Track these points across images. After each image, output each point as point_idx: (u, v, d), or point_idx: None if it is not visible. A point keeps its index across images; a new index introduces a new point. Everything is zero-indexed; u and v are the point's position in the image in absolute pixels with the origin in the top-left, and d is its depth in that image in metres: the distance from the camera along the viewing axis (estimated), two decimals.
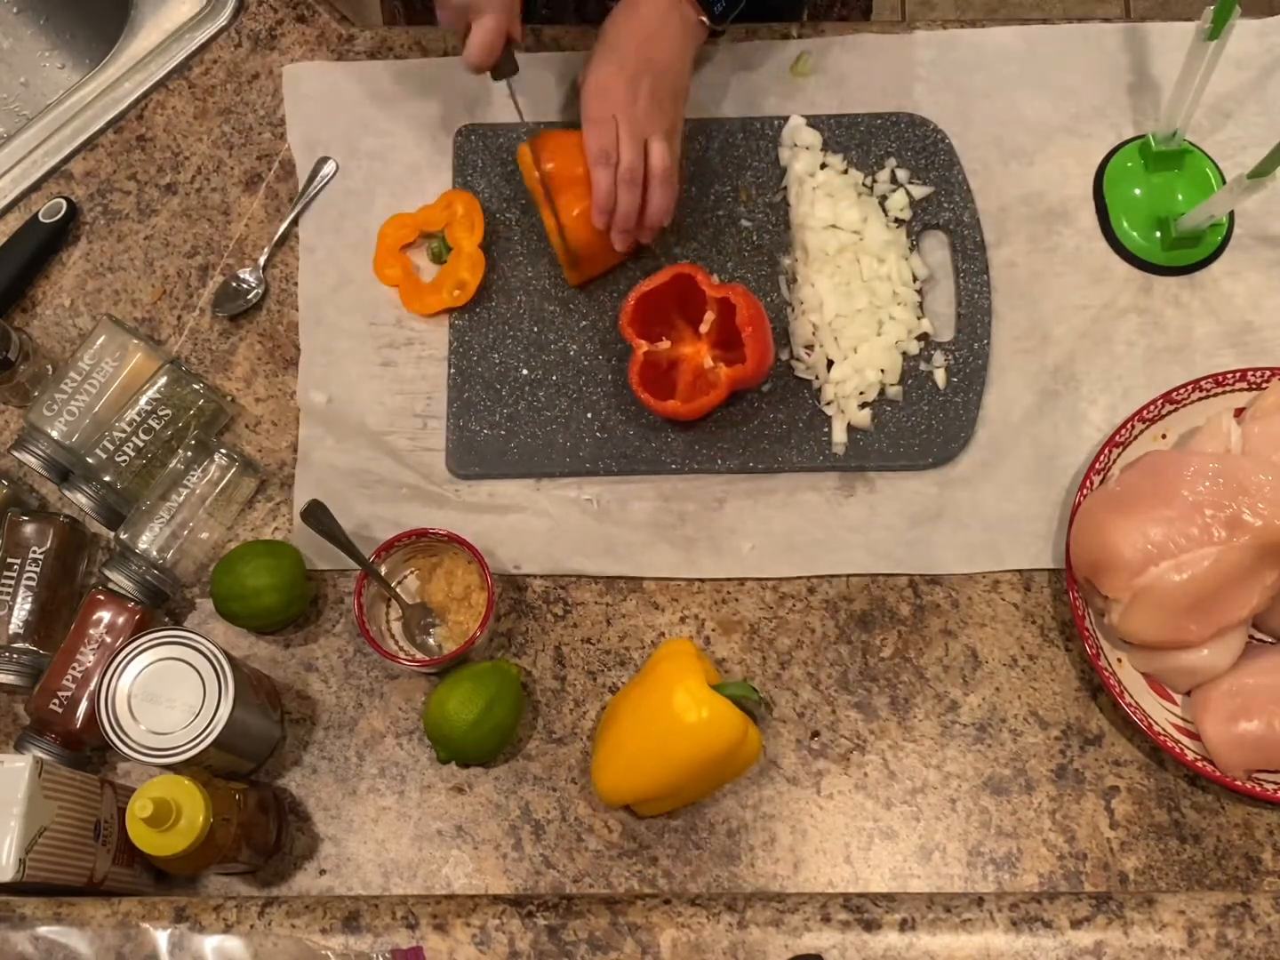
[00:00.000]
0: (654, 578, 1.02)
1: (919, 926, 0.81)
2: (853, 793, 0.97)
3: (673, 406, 1.00)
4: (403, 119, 1.14)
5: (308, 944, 0.81)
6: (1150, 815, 0.96)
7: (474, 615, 0.99)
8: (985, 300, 1.07)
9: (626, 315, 1.01)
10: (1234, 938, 0.80)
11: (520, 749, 0.99)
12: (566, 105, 1.13)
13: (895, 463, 1.04)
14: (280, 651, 1.02)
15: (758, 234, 1.10)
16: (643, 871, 0.95)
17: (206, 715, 0.88)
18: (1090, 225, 1.10)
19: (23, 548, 0.99)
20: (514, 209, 1.11)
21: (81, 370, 1.03)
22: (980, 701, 0.99)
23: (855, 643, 1.00)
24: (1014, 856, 0.95)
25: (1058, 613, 1.01)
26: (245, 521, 1.05)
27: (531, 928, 0.82)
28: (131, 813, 0.82)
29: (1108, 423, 1.05)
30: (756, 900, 0.82)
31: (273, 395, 1.08)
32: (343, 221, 1.12)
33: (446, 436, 1.06)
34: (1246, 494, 0.92)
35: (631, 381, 1.01)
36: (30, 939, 0.81)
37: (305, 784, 0.98)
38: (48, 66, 1.35)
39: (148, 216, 1.13)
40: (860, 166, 1.11)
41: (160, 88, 1.16)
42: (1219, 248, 1.09)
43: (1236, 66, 1.12)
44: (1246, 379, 1.02)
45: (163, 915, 0.82)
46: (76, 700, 0.95)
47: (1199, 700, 0.96)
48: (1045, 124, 1.13)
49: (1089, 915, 0.81)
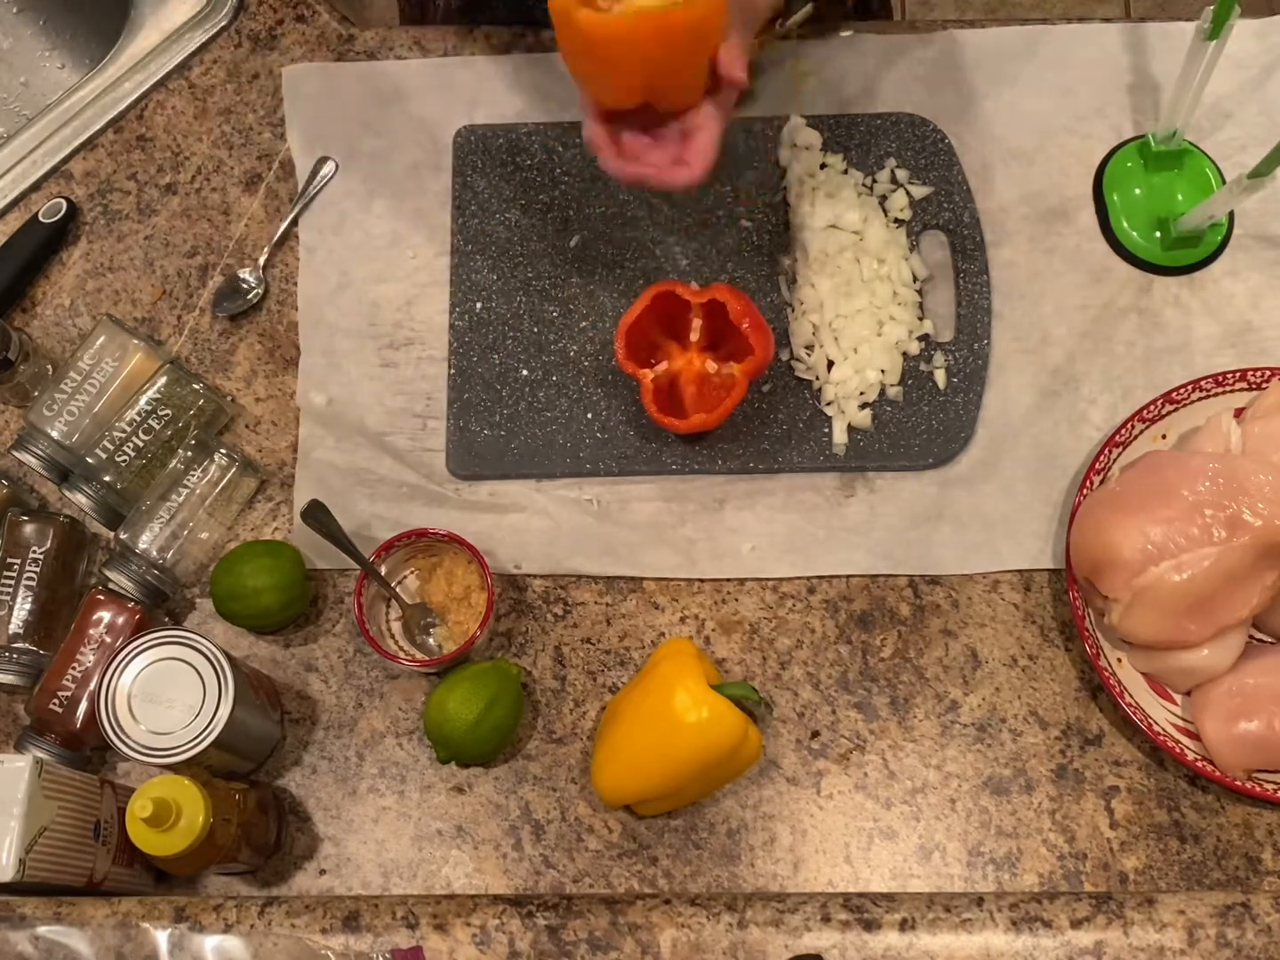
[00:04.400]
0: (654, 578, 1.02)
1: (919, 926, 0.81)
2: (853, 793, 0.97)
3: (699, 420, 1.00)
4: (403, 119, 1.14)
5: (308, 944, 0.81)
6: (1150, 815, 0.96)
7: (474, 615, 0.99)
8: (985, 300, 1.07)
9: (621, 351, 1.01)
10: (1234, 938, 0.80)
11: (520, 749, 0.99)
12: (568, 105, 1.13)
13: (895, 463, 1.04)
14: (280, 651, 1.02)
15: (758, 234, 1.10)
16: (643, 871, 0.95)
17: (206, 715, 0.88)
18: (1090, 225, 1.10)
19: (23, 548, 0.99)
20: (514, 209, 1.11)
21: (81, 370, 1.03)
22: (980, 701, 0.99)
23: (855, 643, 1.00)
24: (1014, 856, 0.95)
25: (1058, 613, 1.01)
26: (245, 521, 1.05)
27: (531, 928, 0.82)
28: (131, 813, 0.82)
29: (1108, 423, 1.05)
30: (756, 900, 0.82)
31: (273, 395, 1.08)
32: (343, 221, 1.12)
33: (447, 437, 1.06)
34: (1246, 494, 0.92)
35: (651, 413, 1.00)
36: (30, 939, 0.81)
37: (305, 784, 0.98)
38: (48, 66, 1.35)
39: (148, 216, 1.13)
40: (860, 167, 1.11)
41: (160, 88, 1.16)
42: (1219, 248, 1.09)
43: (1236, 66, 1.12)
44: (1246, 379, 1.02)
45: (163, 915, 0.82)
46: (76, 700, 0.95)
47: (1199, 700, 0.96)
48: (1045, 124, 1.13)
49: (1089, 915, 0.81)
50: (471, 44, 1.16)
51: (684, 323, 1.03)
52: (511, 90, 1.14)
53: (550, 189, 1.11)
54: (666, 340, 1.04)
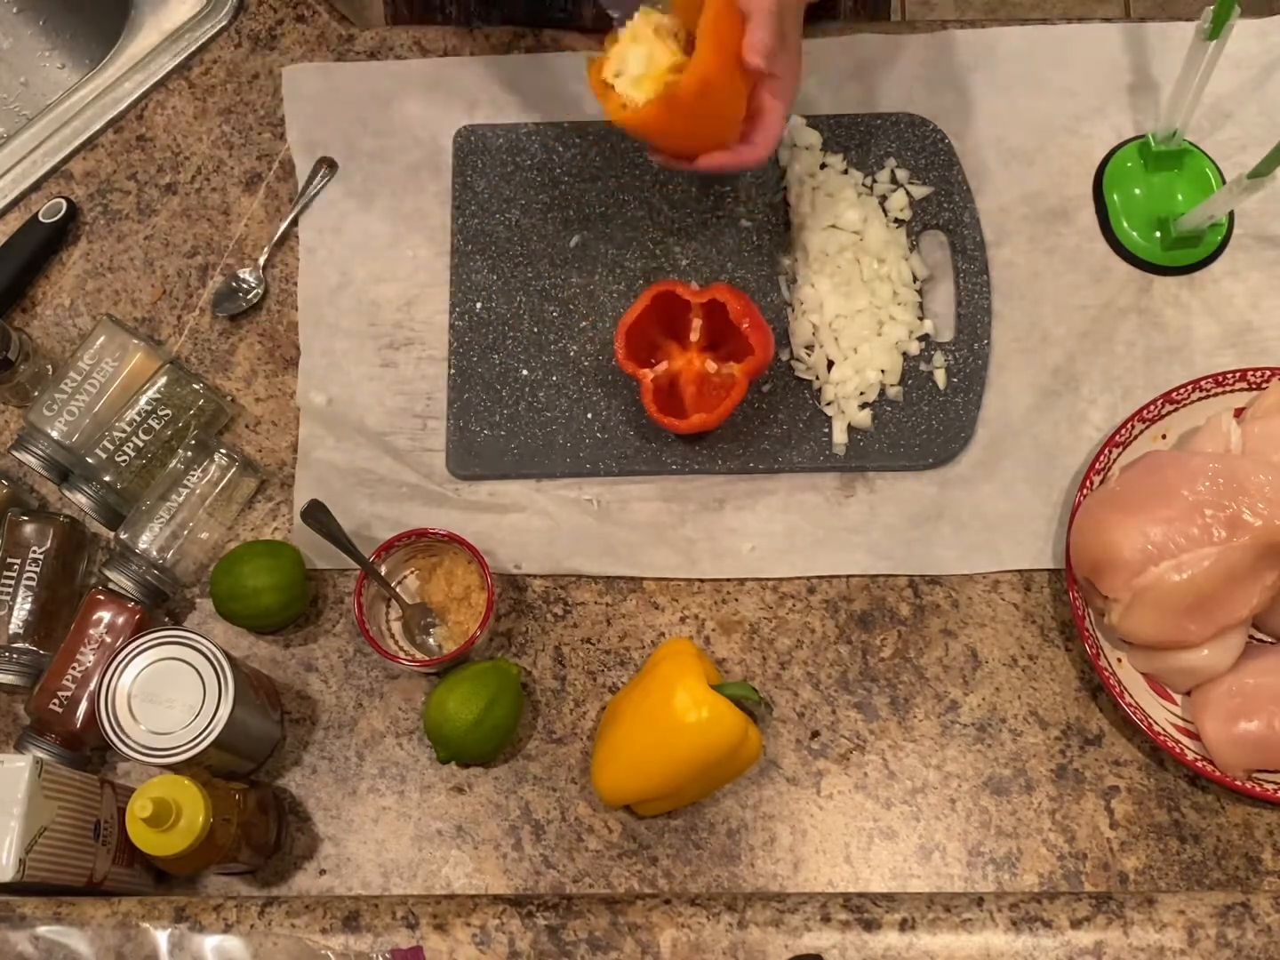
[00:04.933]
0: (654, 578, 1.02)
1: (919, 926, 0.81)
2: (853, 793, 0.97)
3: (699, 420, 1.00)
4: (403, 119, 1.14)
5: (308, 944, 0.81)
6: (1150, 815, 0.96)
7: (474, 615, 0.99)
8: (985, 300, 1.07)
9: (621, 351, 1.01)
10: (1234, 938, 0.80)
11: (520, 749, 0.99)
12: (568, 105, 1.13)
13: (895, 463, 1.04)
14: (280, 651, 1.02)
15: (758, 234, 1.10)
16: (643, 871, 0.95)
17: (206, 715, 0.88)
18: (1090, 225, 1.10)
19: (23, 548, 0.99)
20: (514, 209, 1.11)
21: (81, 370, 1.03)
22: (980, 701, 0.99)
23: (855, 643, 1.00)
24: (1014, 856, 0.95)
25: (1058, 613, 1.01)
26: (245, 521, 1.05)
27: (531, 928, 0.82)
28: (131, 813, 0.82)
29: (1108, 423, 1.05)
30: (756, 900, 0.82)
31: (273, 395, 1.08)
32: (343, 221, 1.12)
33: (447, 437, 1.06)
34: (1246, 494, 0.92)
35: (651, 413, 1.00)
36: (30, 939, 0.81)
37: (305, 784, 0.98)
38: (48, 66, 1.35)
39: (148, 216, 1.13)
40: (860, 166, 1.11)
41: (160, 88, 1.16)
42: (1219, 248, 1.09)
43: (1236, 66, 1.12)
44: (1246, 379, 1.02)
45: (163, 915, 0.82)
46: (76, 700, 0.95)
47: (1199, 700, 0.96)
48: (1045, 124, 1.13)
49: (1089, 915, 0.81)
50: (471, 44, 1.16)
51: (684, 323, 1.03)
52: (511, 90, 1.14)
53: (550, 189, 1.11)
54: (666, 340, 1.04)
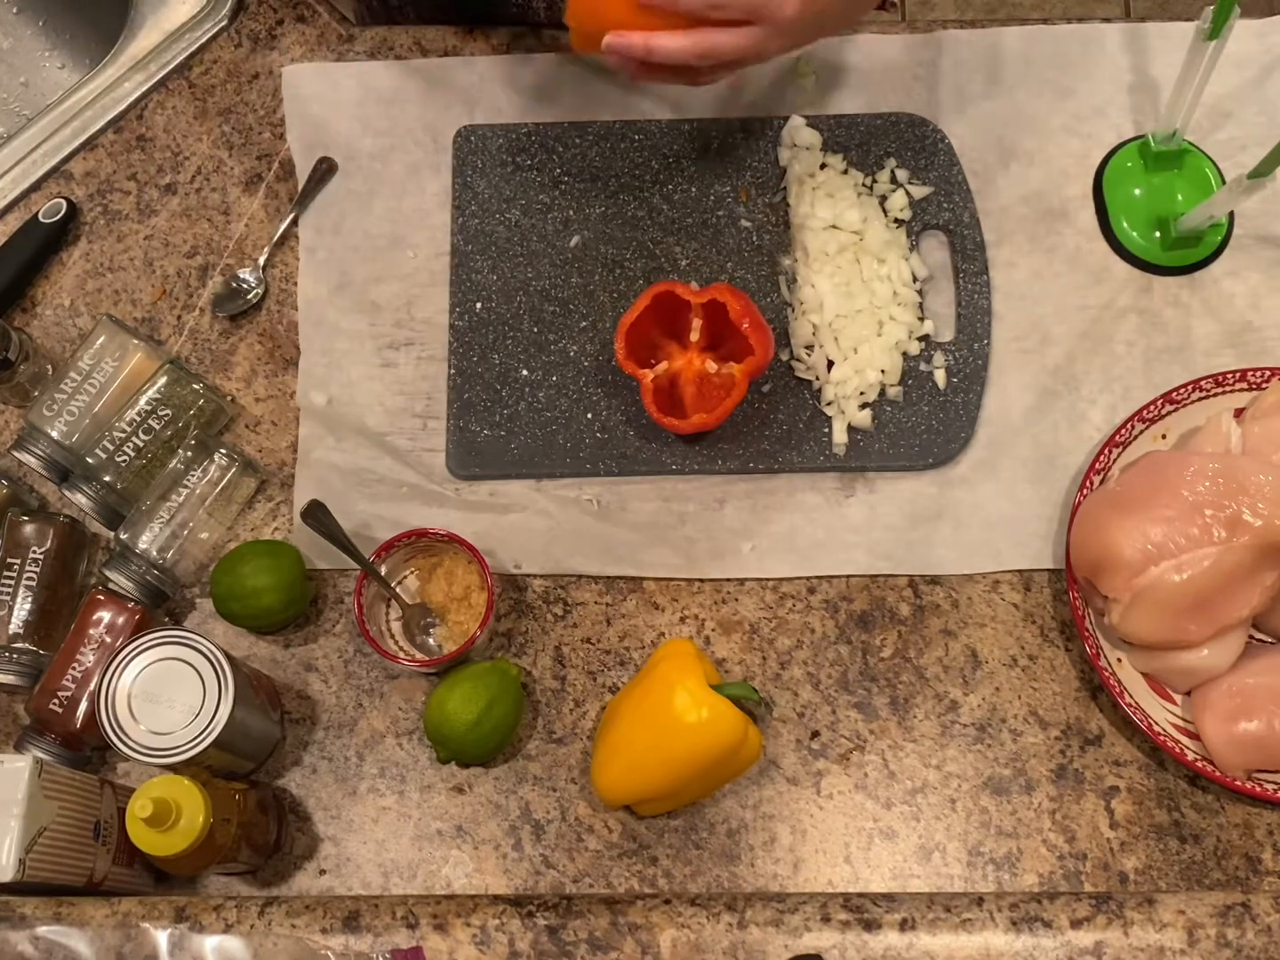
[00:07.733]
0: (654, 578, 1.02)
1: (919, 926, 0.81)
2: (853, 793, 0.97)
3: (699, 420, 1.00)
4: (403, 119, 1.14)
5: (308, 944, 0.81)
6: (1150, 815, 0.96)
7: (474, 615, 0.99)
8: (985, 300, 1.07)
9: (621, 351, 1.01)
10: (1234, 938, 0.80)
11: (520, 749, 0.99)
12: (568, 105, 1.13)
13: (895, 463, 1.04)
14: (280, 651, 1.02)
15: (758, 234, 1.10)
16: (643, 871, 0.95)
17: (206, 715, 0.88)
18: (1090, 225, 1.10)
19: (23, 548, 0.99)
20: (514, 209, 1.11)
21: (81, 370, 1.03)
22: (980, 701, 0.99)
23: (855, 643, 1.01)
24: (1014, 856, 0.95)
25: (1058, 613, 1.01)
26: (245, 521, 1.05)
27: (531, 928, 0.82)
28: (131, 813, 0.82)
29: (1108, 423, 1.05)
30: (756, 900, 0.82)
31: (273, 395, 1.08)
32: (343, 221, 1.12)
33: (447, 437, 1.06)
34: (1246, 494, 0.92)
35: (651, 412, 1.00)
36: (30, 939, 0.81)
37: (305, 784, 0.98)
38: (48, 66, 1.35)
39: (148, 216, 1.13)
40: (860, 166, 1.11)
41: (160, 88, 1.16)
42: (1219, 248, 1.09)
43: (1236, 66, 1.12)
44: (1246, 379, 1.02)
45: (163, 915, 0.82)
46: (76, 700, 0.95)
47: (1199, 700, 0.96)
48: (1045, 124, 1.13)
49: (1089, 915, 0.81)
50: (471, 44, 1.16)
51: (684, 323, 1.03)
52: (511, 90, 1.14)
53: (550, 189, 1.11)
54: (666, 340, 1.04)
